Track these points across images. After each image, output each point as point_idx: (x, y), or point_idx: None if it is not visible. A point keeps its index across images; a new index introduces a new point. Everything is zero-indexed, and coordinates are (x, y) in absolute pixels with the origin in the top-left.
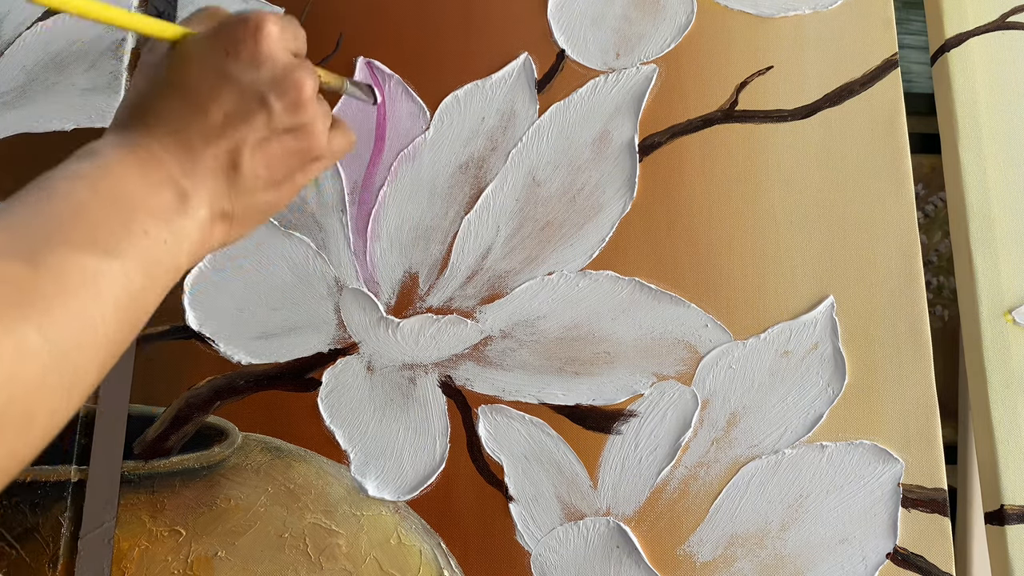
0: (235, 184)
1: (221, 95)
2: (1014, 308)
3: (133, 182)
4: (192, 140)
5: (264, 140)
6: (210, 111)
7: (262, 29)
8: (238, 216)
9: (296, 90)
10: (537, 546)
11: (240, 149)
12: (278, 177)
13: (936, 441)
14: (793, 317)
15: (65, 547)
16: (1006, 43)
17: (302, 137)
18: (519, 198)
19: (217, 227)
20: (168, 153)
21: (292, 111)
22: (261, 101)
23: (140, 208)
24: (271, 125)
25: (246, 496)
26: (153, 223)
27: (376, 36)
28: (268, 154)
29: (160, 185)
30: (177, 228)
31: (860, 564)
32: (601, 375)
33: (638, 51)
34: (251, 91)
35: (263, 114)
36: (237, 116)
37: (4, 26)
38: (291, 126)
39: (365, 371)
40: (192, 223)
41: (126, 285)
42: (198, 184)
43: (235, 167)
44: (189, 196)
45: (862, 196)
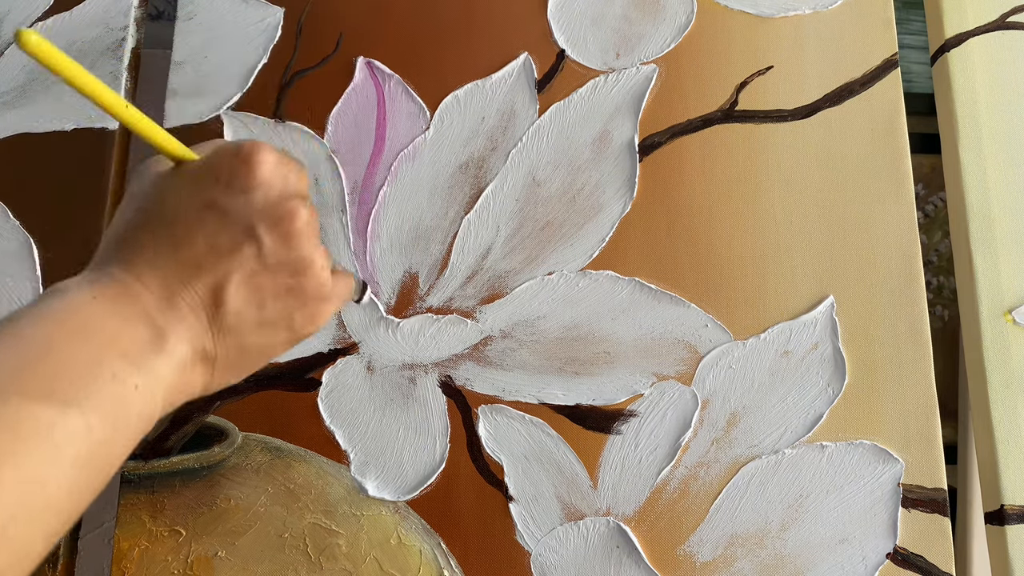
0: (217, 323)
1: (206, 225)
2: (1014, 308)
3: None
4: (171, 274)
5: (253, 275)
6: (194, 243)
7: (255, 155)
8: (222, 359)
9: (289, 219)
10: (537, 546)
11: (223, 284)
12: (270, 317)
13: (936, 441)
14: (793, 317)
15: (65, 547)
16: (1006, 43)
17: (298, 273)
18: (519, 198)
19: (198, 369)
20: (145, 288)
21: (284, 243)
22: (249, 231)
23: (111, 347)
24: (261, 259)
25: (246, 496)
26: (123, 365)
27: (376, 36)
28: (258, 291)
29: (134, 321)
30: (150, 370)
31: (860, 564)
32: (601, 375)
33: (638, 51)
34: (239, 220)
35: (251, 246)
36: (222, 248)
37: (4, 26)
38: (284, 261)
39: (365, 371)
40: (168, 364)
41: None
42: (175, 321)
43: (218, 304)
44: (166, 334)
45: (862, 196)
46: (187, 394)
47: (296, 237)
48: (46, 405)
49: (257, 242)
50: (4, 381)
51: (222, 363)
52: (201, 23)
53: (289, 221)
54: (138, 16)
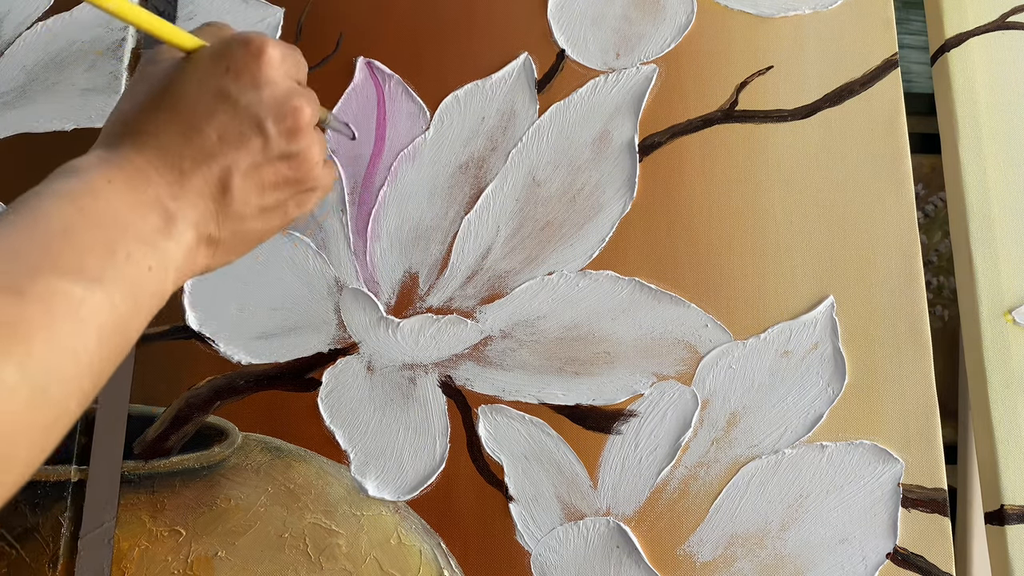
0: (224, 209)
1: (216, 115)
2: (1014, 308)
3: (120, 203)
4: (182, 160)
5: (257, 166)
6: (204, 131)
7: (264, 52)
8: (224, 242)
9: (294, 116)
10: (537, 546)
11: (232, 173)
12: (269, 204)
13: (936, 441)
14: (793, 317)
15: (65, 547)
16: (1006, 43)
17: (296, 166)
18: (519, 198)
19: (202, 251)
20: (157, 172)
21: (289, 137)
22: (258, 125)
23: (126, 231)
24: (266, 151)
25: (246, 496)
26: (137, 247)
27: (376, 36)
28: (261, 180)
29: (147, 206)
30: (162, 252)
31: (860, 564)
32: (601, 375)
33: (638, 51)
34: (248, 114)
35: (259, 139)
36: (231, 138)
37: (4, 26)
38: (286, 153)
39: (365, 371)
40: (177, 247)
41: (111, 312)
42: (185, 206)
43: (225, 191)
44: (176, 219)
45: (862, 196)
46: (192, 273)
47: (299, 132)
48: (74, 281)
49: (264, 135)
50: (36, 257)
51: (224, 246)
52: (201, 23)
53: (294, 117)
54: None
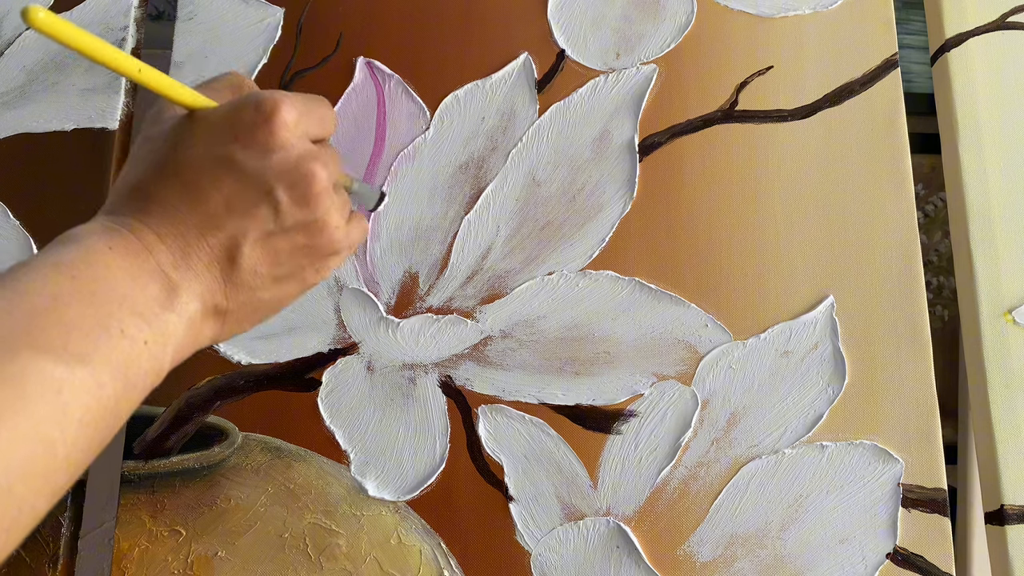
0: (232, 280)
1: (222, 182)
2: (1014, 308)
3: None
4: (187, 229)
5: (269, 235)
6: (211, 200)
7: (277, 115)
8: (233, 313)
9: (307, 183)
10: (537, 546)
11: (239, 243)
12: (282, 274)
13: (936, 441)
14: (793, 317)
15: (65, 547)
16: (1006, 43)
17: (313, 234)
18: (519, 198)
19: (208, 324)
20: (160, 240)
21: (301, 205)
22: (267, 193)
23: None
24: (278, 220)
25: (246, 496)
26: (133, 320)
27: (376, 36)
28: (273, 250)
29: (148, 276)
30: (161, 325)
31: (860, 564)
32: (601, 375)
33: (638, 51)
34: (256, 181)
35: (268, 207)
36: (239, 208)
37: (4, 26)
38: (300, 222)
39: (365, 371)
40: (179, 320)
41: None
42: (190, 277)
43: (232, 261)
44: (178, 289)
45: (862, 196)
46: (196, 347)
47: (313, 200)
48: (56, 361)
49: (274, 204)
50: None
51: (233, 317)
52: (201, 23)
53: (307, 184)
54: (138, 16)
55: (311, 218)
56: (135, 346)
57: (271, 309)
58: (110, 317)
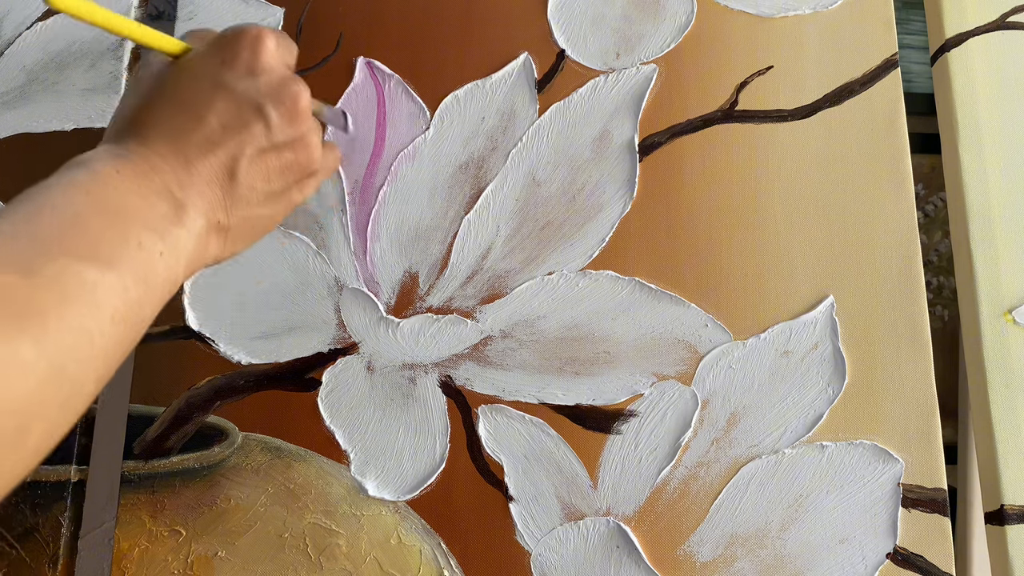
0: (231, 195)
1: (217, 105)
2: (1014, 308)
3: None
4: (188, 150)
5: (262, 151)
6: (207, 121)
7: (260, 41)
8: (234, 229)
9: (293, 100)
10: (537, 546)
11: (237, 159)
12: (275, 190)
13: (936, 441)
14: (793, 317)
15: (65, 547)
16: (1006, 43)
17: (299, 150)
18: (519, 198)
19: (212, 239)
20: (164, 163)
21: (289, 122)
22: (258, 111)
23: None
24: (269, 136)
25: (246, 496)
26: (148, 235)
27: (376, 36)
28: (265, 166)
29: (156, 196)
30: (173, 240)
31: (860, 564)
32: (601, 375)
33: (638, 51)
34: (248, 101)
35: (260, 124)
36: (234, 126)
37: (4, 26)
38: (288, 138)
39: (365, 371)
40: (188, 234)
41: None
42: (194, 195)
43: (232, 177)
44: (185, 207)
45: (862, 196)
46: (204, 262)
47: (299, 116)
48: (87, 265)
49: (265, 120)
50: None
51: (233, 233)
52: (201, 23)
53: (293, 102)
54: (138, 16)
55: (297, 134)
56: (152, 257)
57: (264, 228)
58: (127, 231)
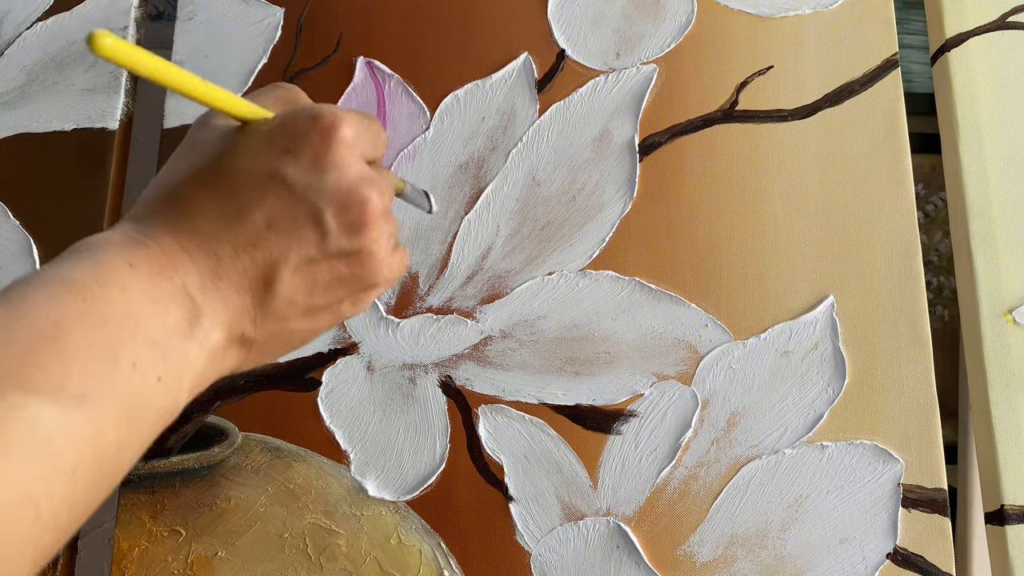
0: (264, 306)
1: (268, 198)
2: (1014, 308)
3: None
4: (220, 246)
5: (311, 261)
6: (251, 215)
7: (336, 131)
8: (260, 344)
9: (360, 209)
10: (537, 546)
11: (278, 267)
12: (318, 305)
13: (936, 441)
14: (793, 317)
15: (65, 547)
16: (1006, 43)
17: (358, 264)
18: (519, 198)
19: (232, 354)
20: (189, 257)
21: (352, 233)
22: (315, 215)
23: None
24: (323, 246)
25: (246, 496)
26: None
27: (376, 36)
28: (312, 278)
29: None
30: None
31: (860, 564)
32: (601, 375)
33: (638, 51)
34: (305, 201)
35: (315, 232)
36: (283, 228)
37: (4, 26)
38: (346, 250)
39: (365, 371)
40: (200, 351)
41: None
42: (216, 302)
43: (268, 287)
44: (202, 314)
45: (862, 196)
46: (213, 379)
47: (365, 228)
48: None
49: (322, 228)
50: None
51: (259, 348)
52: (201, 23)
53: (360, 210)
54: (138, 16)
55: (358, 247)
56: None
57: (300, 341)
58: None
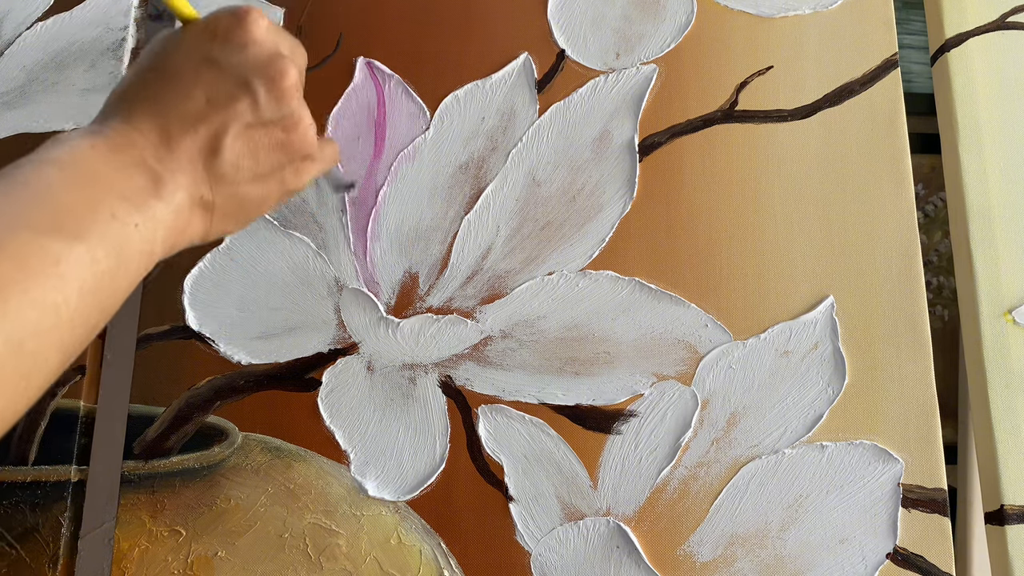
0: (215, 171)
1: (203, 78)
2: (1014, 308)
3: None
4: (170, 124)
5: (248, 127)
6: (192, 95)
7: (250, 15)
8: (220, 207)
9: (280, 76)
10: (537, 546)
11: (221, 135)
12: (264, 170)
13: (936, 441)
14: (793, 317)
15: (65, 547)
16: (1006, 43)
17: (289, 128)
18: (519, 198)
19: (196, 215)
20: (143, 137)
21: (278, 99)
22: (245, 85)
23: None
24: (256, 112)
25: (246, 496)
26: (122, 206)
27: (376, 36)
28: (253, 143)
29: (132, 167)
30: (149, 212)
31: (860, 564)
32: (601, 375)
33: (638, 51)
34: (235, 74)
35: (247, 99)
36: (220, 101)
37: (4, 26)
38: (277, 116)
39: (365, 371)
40: (166, 208)
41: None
42: (174, 169)
43: (215, 153)
44: (163, 180)
45: (862, 196)
46: (187, 238)
47: (287, 93)
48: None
49: (252, 95)
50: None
51: (220, 211)
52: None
53: (280, 78)
54: (138, 16)
55: (286, 111)
56: (125, 228)
57: (255, 208)
58: (100, 203)
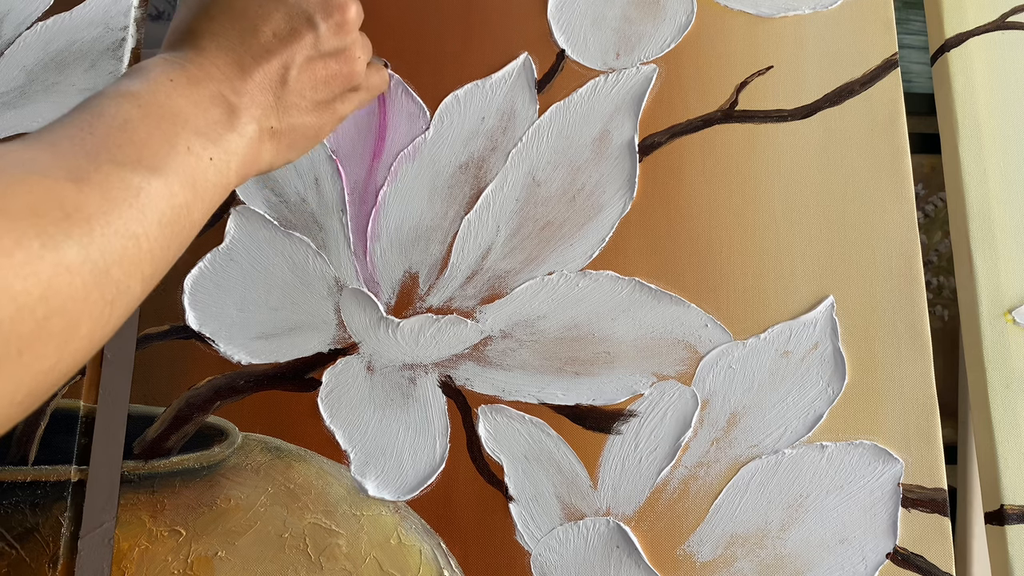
0: (282, 101)
1: (270, 15)
2: (1014, 308)
3: (180, 99)
4: (244, 59)
5: (310, 60)
6: (260, 29)
7: None
8: (284, 135)
9: (341, 12)
10: (537, 546)
11: (288, 67)
12: (321, 99)
13: (936, 441)
14: (793, 317)
15: (65, 547)
16: (1006, 43)
17: (344, 61)
18: (519, 198)
19: (266, 145)
20: (218, 70)
21: (337, 32)
22: (308, 21)
23: (186, 125)
24: (317, 45)
25: (246, 496)
26: (198, 140)
27: (376, 36)
28: (313, 74)
29: (208, 102)
30: (225, 145)
31: (860, 564)
32: (601, 375)
33: (638, 51)
34: (298, 11)
35: (310, 34)
36: (286, 35)
37: (4, 26)
38: (335, 49)
39: (365, 371)
40: (240, 139)
41: (170, 201)
42: (248, 100)
43: (283, 84)
44: (238, 112)
45: (862, 196)
46: (257, 168)
47: (346, 27)
48: (134, 171)
49: (315, 29)
50: (98, 149)
51: (284, 139)
52: None
53: (341, 12)
54: (138, 16)
55: (343, 44)
56: (200, 162)
57: (313, 136)
58: (176, 137)
